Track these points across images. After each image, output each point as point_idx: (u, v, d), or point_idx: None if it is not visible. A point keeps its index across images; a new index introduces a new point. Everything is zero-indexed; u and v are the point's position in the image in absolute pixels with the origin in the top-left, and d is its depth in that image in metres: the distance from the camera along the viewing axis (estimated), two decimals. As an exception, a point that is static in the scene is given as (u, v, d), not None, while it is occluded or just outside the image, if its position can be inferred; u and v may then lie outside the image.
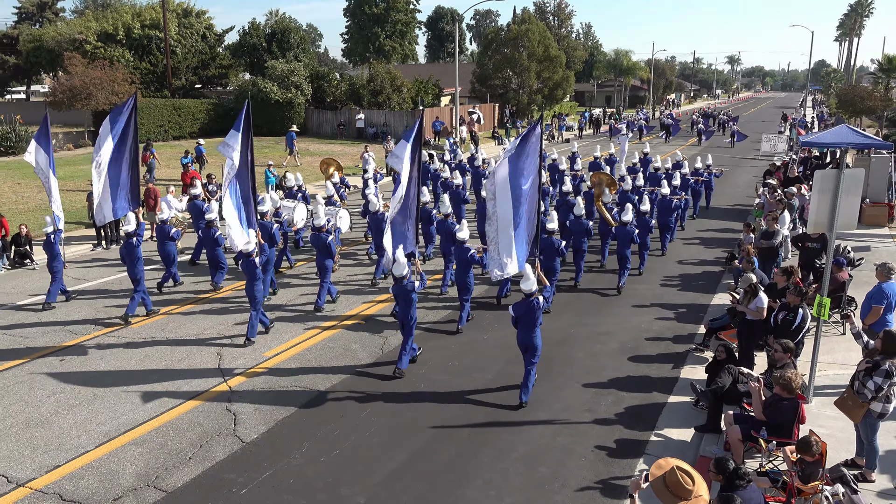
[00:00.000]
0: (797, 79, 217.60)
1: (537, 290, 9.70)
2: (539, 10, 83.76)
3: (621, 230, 15.00)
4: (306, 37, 57.83)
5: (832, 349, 11.33)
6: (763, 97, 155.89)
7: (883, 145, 13.42)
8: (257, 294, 11.85)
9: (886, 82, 41.28)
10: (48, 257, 13.63)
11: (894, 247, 18.16)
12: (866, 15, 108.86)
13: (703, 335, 11.91)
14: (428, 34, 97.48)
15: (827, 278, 9.46)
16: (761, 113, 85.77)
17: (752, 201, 24.58)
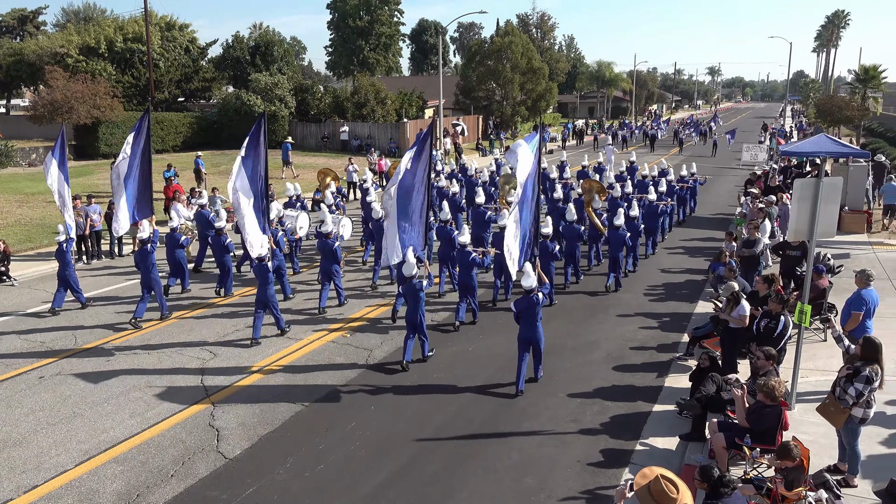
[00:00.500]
0: (776, 89, 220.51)
1: (537, 287, 10.32)
2: (522, 22, 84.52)
3: (613, 234, 15.64)
4: (290, 50, 57.88)
5: (814, 356, 11.41)
6: (743, 107, 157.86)
7: (860, 154, 13.68)
8: (270, 297, 12.29)
9: (863, 92, 41.87)
10: (59, 265, 14.01)
11: (873, 254, 18.37)
12: (843, 26, 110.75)
13: (687, 344, 11.96)
14: (412, 47, 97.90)
15: (808, 285, 9.54)
16: (742, 123, 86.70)
17: (733, 210, 24.82)
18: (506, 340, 12.53)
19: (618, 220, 15.72)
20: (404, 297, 11.41)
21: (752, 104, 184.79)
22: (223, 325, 13.37)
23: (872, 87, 41.80)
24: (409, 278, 11.11)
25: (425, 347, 11.59)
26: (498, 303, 14.56)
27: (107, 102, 34.11)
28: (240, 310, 14.31)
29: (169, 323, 13.56)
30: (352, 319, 13.79)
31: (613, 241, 15.65)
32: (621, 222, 15.67)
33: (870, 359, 7.67)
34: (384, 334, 12.89)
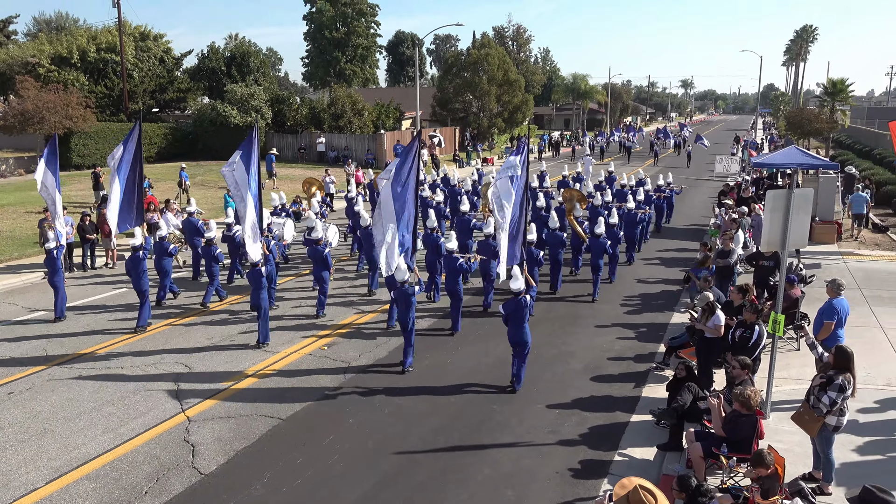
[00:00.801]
0: (748, 102, 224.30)
1: (524, 290, 10.71)
2: (498, 35, 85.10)
3: (594, 242, 16.20)
4: (266, 61, 57.67)
5: (787, 365, 11.57)
6: (716, 119, 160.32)
7: (830, 166, 13.94)
8: (262, 303, 12.55)
9: (831, 105, 42.73)
10: (50, 272, 14.08)
11: (843, 264, 18.71)
12: (811, 41, 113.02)
13: (664, 354, 12.06)
14: (389, 58, 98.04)
15: (781, 295, 9.67)
16: (715, 135, 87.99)
17: (707, 221, 25.15)
18: (484, 352, 12.54)
19: (598, 228, 16.22)
20: (396, 301, 11.79)
21: (724, 116, 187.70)
22: (200, 338, 13.20)
23: (840, 101, 42.66)
24: (402, 283, 11.47)
25: (409, 359, 11.66)
26: (487, 308, 15.00)
27: (79, 113, 33.67)
28: (217, 321, 14.15)
29: (144, 336, 13.35)
30: (340, 326, 13.76)
31: (595, 249, 16.17)
32: (602, 230, 16.19)
33: (842, 367, 7.79)
34: (363, 345, 12.81)
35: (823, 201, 21.71)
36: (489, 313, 14.78)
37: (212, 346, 12.81)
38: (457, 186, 23.82)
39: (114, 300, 15.87)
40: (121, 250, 20.28)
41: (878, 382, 10.81)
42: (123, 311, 14.92)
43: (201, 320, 14.38)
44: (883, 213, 25.74)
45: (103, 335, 13.45)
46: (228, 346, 12.87)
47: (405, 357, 11.67)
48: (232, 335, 13.42)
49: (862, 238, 21.94)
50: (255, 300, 12.65)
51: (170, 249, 15.21)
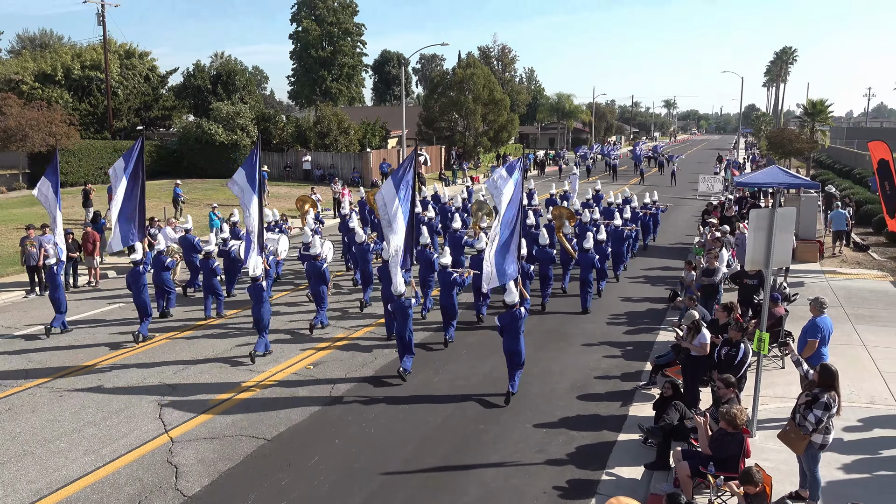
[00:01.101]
0: (729, 122, 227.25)
1: (519, 302, 11.09)
2: (483, 54, 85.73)
3: (583, 257, 16.60)
4: (252, 79, 57.77)
5: (773, 383, 11.63)
6: (699, 139, 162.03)
7: (811, 185, 14.12)
8: (264, 316, 12.86)
9: (812, 126, 43.43)
10: (50, 287, 14.32)
11: (825, 282, 18.89)
12: (790, 62, 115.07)
13: (650, 372, 12.08)
14: (374, 77, 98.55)
15: (765, 313, 9.75)
16: (698, 154, 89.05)
17: (692, 239, 25.33)
18: (471, 371, 12.51)
19: (587, 243, 16.62)
20: (394, 314, 12.10)
21: (706, 136, 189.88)
22: (187, 354, 13.07)
23: (820, 121, 43.40)
24: (399, 296, 11.86)
25: (408, 361, 12.09)
26: (479, 320, 15.39)
27: (63, 130, 33.47)
28: (208, 336, 14.03)
29: (128, 353, 13.19)
30: (336, 339, 13.78)
31: (584, 264, 16.55)
32: (590, 245, 16.61)
33: (827, 385, 7.84)
34: (350, 364, 12.74)
35: (805, 220, 21.94)
36: (480, 326, 15.10)
37: (199, 363, 12.69)
38: (447, 204, 24.30)
39: (104, 316, 15.71)
40: (103, 268, 20.13)
41: (861, 400, 10.89)
42: (109, 328, 14.76)
43: (192, 335, 14.29)
44: (864, 232, 26.08)
45: (86, 353, 13.28)
46: (216, 362, 12.76)
47: (405, 363, 12.02)
48: (222, 351, 13.34)
49: (844, 256, 22.20)
50: (257, 314, 12.88)
51: (167, 263, 15.39)
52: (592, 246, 16.68)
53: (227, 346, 13.79)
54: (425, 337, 14.38)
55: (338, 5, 71.49)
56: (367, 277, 16.75)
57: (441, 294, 14.03)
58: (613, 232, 19.76)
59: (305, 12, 70.68)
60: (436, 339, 14.26)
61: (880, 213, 24.21)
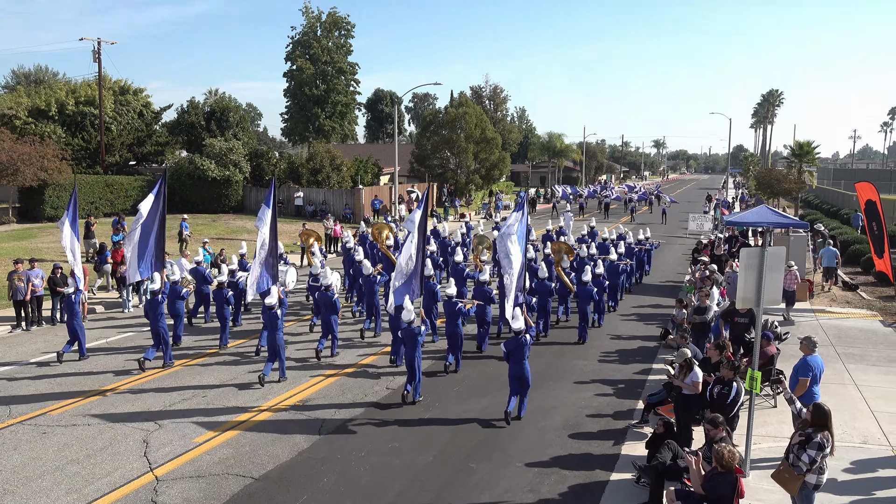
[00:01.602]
0: (718, 162, 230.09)
1: (524, 329, 11.74)
2: (475, 94, 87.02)
3: (582, 289, 17.47)
4: (245, 116, 58.14)
5: (765, 422, 11.58)
6: (688, 178, 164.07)
7: (800, 224, 14.18)
8: (279, 342, 13.45)
9: (799, 166, 44.08)
10: (68, 315, 15.04)
11: (816, 321, 18.97)
12: (777, 104, 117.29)
13: (642, 411, 12.01)
14: (367, 115, 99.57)
15: (757, 352, 9.76)
16: (687, 194, 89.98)
17: (682, 277, 25.46)
18: (461, 409, 12.40)
19: (585, 276, 17.48)
20: (403, 341, 12.72)
21: (695, 176, 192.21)
22: (174, 393, 12.90)
23: (807, 162, 44.09)
24: (409, 324, 12.40)
25: (418, 390, 12.61)
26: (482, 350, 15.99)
27: (55, 165, 33.47)
28: (207, 365, 13.88)
29: (116, 389, 13.02)
30: (345, 366, 13.93)
31: (582, 296, 17.46)
32: (589, 278, 17.45)
33: (820, 425, 7.82)
34: (339, 401, 12.61)
35: (795, 259, 22.09)
36: (482, 356, 15.64)
37: (187, 399, 12.53)
38: (447, 238, 25.23)
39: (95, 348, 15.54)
40: (91, 303, 19.98)
41: (854, 440, 10.85)
42: (96, 363, 14.59)
43: (186, 367, 14.13)
44: (852, 272, 26.27)
45: (72, 389, 13.11)
46: (205, 398, 12.61)
47: (412, 389, 12.51)
48: (214, 384, 13.28)
49: (834, 295, 22.33)
50: (272, 341, 13.44)
51: (182, 293, 15.89)
52: (591, 279, 17.47)
53: (229, 375, 13.68)
54: (428, 365, 14.58)
55: (332, 45, 72.48)
56: (372, 309, 17.28)
57: (447, 323, 14.62)
58: (609, 266, 20.51)
59: (300, 51, 71.60)
60: (437, 367, 14.74)
61: (868, 253, 24.46)
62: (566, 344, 16.74)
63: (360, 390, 13.32)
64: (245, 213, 43.18)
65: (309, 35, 72.88)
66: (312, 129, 72.38)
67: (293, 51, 73.05)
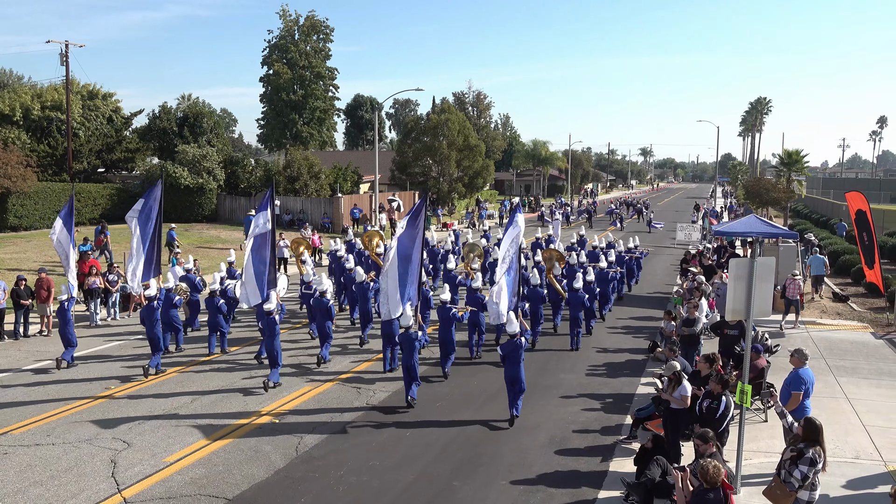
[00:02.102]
0: (706, 171, 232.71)
1: (520, 332, 12.32)
2: (458, 100, 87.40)
3: (574, 296, 17.81)
4: (220, 122, 57.91)
5: (756, 437, 11.66)
6: (676, 187, 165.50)
7: (789, 234, 14.41)
8: (277, 348, 13.98)
9: (788, 175, 44.67)
10: (61, 323, 15.45)
11: (806, 333, 19.17)
12: (765, 112, 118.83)
13: (630, 426, 12.04)
14: (347, 122, 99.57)
15: (747, 365, 9.83)
16: (675, 203, 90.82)
17: (670, 289, 25.64)
18: (445, 423, 12.36)
19: (577, 283, 17.91)
20: (401, 345, 13.38)
21: (683, 185, 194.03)
22: (145, 407, 12.73)
23: (796, 171, 44.68)
24: (406, 329, 13.04)
25: (414, 390, 13.20)
26: (475, 356, 16.62)
27: (19, 172, 33.10)
28: (191, 374, 13.72)
29: (84, 406, 12.83)
30: (340, 372, 14.48)
31: (574, 303, 17.81)
32: (580, 285, 17.88)
33: (812, 440, 7.88)
34: (317, 417, 12.52)
35: (784, 270, 22.26)
36: (474, 362, 16.29)
37: (159, 416, 12.39)
38: (436, 247, 25.95)
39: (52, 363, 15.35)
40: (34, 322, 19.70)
41: (846, 454, 10.95)
42: (68, 376, 14.37)
43: (191, 371, 14.53)
44: (842, 283, 26.61)
45: (40, 405, 12.91)
46: (178, 414, 12.49)
47: (412, 391, 13.13)
48: (207, 390, 13.82)
49: (824, 307, 22.59)
50: (270, 346, 14.00)
51: (175, 301, 16.46)
52: (582, 286, 17.91)
53: (221, 383, 13.68)
54: (421, 371, 14.65)
55: (310, 49, 72.62)
56: (365, 316, 17.74)
57: (441, 329, 15.23)
58: (599, 274, 20.91)
59: (277, 55, 71.65)
60: (432, 371, 15.31)
61: (859, 264, 24.80)
62: (557, 350, 17.34)
63: (343, 403, 13.23)
64: (219, 223, 42.93)
65: (286, 39, 72.98)
66: (290, 136, 72.31)
67: (270, 55, 73.05)
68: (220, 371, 15.34)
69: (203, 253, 32.42)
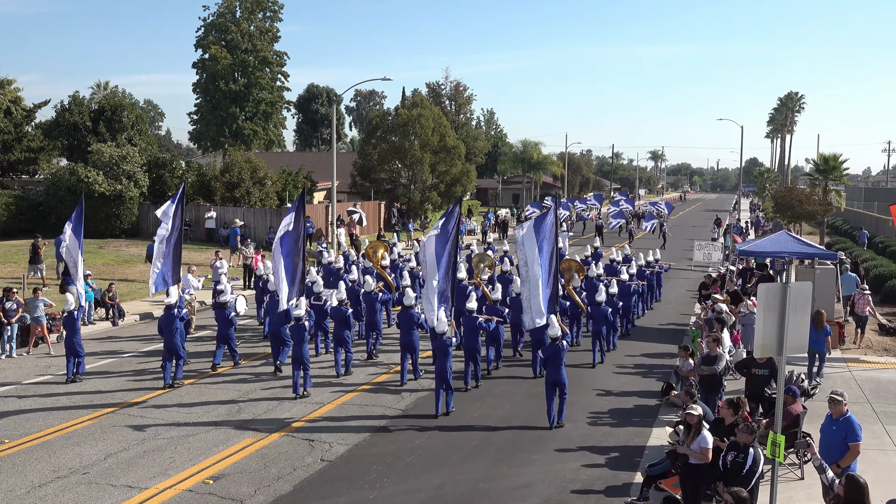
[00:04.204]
0: (728, 178, 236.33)
1: (561, 336, 14.90)
2: (433, 92, 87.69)
3: (596, 310, 20.10)
4: (143, 116, 57.62)
5: (791, 497, 11.74)
6: (693, 198, 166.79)
7: (827, 255, 14.59)
8: (305, 354, 16.59)
9: (824, 184, 44.69)
10: (68, 333, 17.54)
11: (848, 373, 19.39)
12: (797, 110, 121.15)
13: (641, 485, 12.07)
14: (298, 117, 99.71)
15: (779, 411, 9.91)
16: (691, 216, 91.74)
17: (687, 319, 25.83)
18: (412, 486, 12.31)
19: (599, 296, 20.13)
20: (434, 352, 15.84)
21: (701, 195, 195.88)
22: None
23: (834, 179, 44.95)
24: (440, 335, 15.47)
25: (450, 401, 15.69)
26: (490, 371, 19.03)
27: None
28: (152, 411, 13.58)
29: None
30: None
31: (597, 317, 20.08)
32: (603, 298, 20.11)
33: (856, 501, 7.95)
34: (261, 475, 12.43)
35: (822, 297, 22.35)
36: (489, 377, 18.59)
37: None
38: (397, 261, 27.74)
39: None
40: None
41: (897, 518, 11.04)
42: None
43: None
44: (890, 313, 26.89)
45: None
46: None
47: (446, 403, 15.59)
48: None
49: (868, 341, 22.88)
50: (298, 353, 16.48)
51: (182, 314, 18.18)
52: (605, 299, 20.10)
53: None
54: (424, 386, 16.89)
55: (254, 30, 72.69)
56: (373, 326, 20.32)
57: (466, 338, 17.92)
58: (622, 286, 22.91)
59: (214, 37, 71.59)
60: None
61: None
62: (575, 367, 18.89)
63: (286, 466, 13.13)
64: (141, 238, 42.28)
65: (226, 17, 73.10)
66: (229, 133, 72.14)
67: (205, 36, 73.04)
68: (234, 382, 17.92)
69: (120, 271, 32.07)
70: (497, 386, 17.94)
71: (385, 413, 15.86)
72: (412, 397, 16.88)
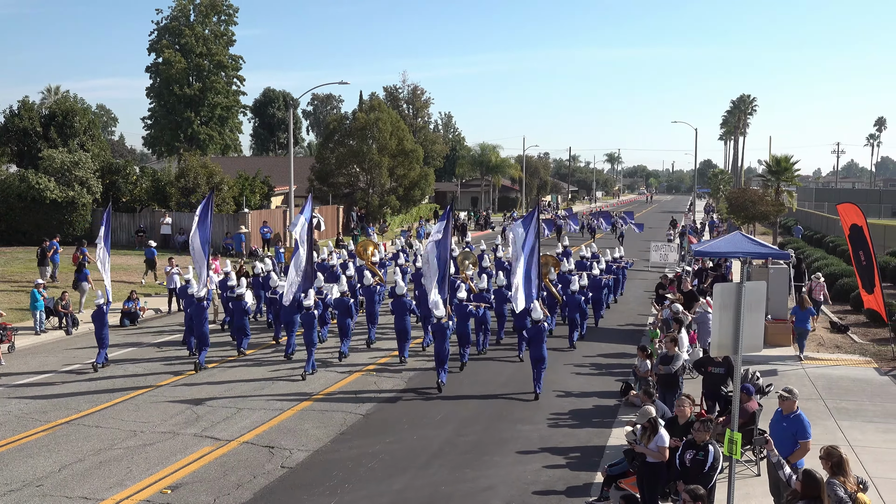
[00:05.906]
0: (683, 180, 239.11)
1: (543, 318, 17.53)
2: (390, 96, 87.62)
3: (571, 298, 22.80)
4: (96, 121, 56.72)
5: (748, 494, 11.88)
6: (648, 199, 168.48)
7: (781, 255, 14.81)
8: (314, 338, 19.11)
9: (776, 185, 45.48)
10: (97, 326, 19.41)
11: (802, 370, 19.71)
12: (750, 112, 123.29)
13: (601, 485, 12.13)
14: (255, 121, 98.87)
15: (736, 409, 10.02)
16: (648, 217, 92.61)
17: (644, 319, 26.08)
18: (373, 492, 12.25)
19: (574, 285, 22.86)
20: (434, 334, 18.35)
21: (657, 196, 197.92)
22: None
23: (785, 180, 45.83)
24: (439, 319, 17.84)
25: (444, 377, 17.72)
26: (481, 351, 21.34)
27: None
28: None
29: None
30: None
31: (571, 305, 22.80)
32: (576, 288, 22.72)
33: (813, 496, 8.08)
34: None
35: (776, 296, 22.55)
36: (481, 358, 20.91)
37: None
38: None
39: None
40: None
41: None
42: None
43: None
44: (841, 310, 27.34)
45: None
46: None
47: (441, 376, 17.69)
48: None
49: (820, 339, 23.28)
50: (308, 338, 18.75)
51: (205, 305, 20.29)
52: (579, 289, 22.64)
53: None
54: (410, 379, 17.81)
55: (209, 33, 71.87)
56: (372, 317, 22.54)
57: (457, 324, 19.30)
58: (592, 280, 25.35)
59: (168, 40, 70.62)
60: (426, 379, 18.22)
61: (857, 288, 25.57)
62: (552, 350, 21.02)
63: (251, 469, 12.98)
64: (94, 246, 41.65)
65: (180, 20, 72.17)
66: (184, 139, 71.22)
67: (159, 39, 72.05)
68: (250, 366, 19.90)
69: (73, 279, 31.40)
70: (461, 388, 17.95)
71: (345, 419, 15.73)
72: (372, 405, 16.78)
